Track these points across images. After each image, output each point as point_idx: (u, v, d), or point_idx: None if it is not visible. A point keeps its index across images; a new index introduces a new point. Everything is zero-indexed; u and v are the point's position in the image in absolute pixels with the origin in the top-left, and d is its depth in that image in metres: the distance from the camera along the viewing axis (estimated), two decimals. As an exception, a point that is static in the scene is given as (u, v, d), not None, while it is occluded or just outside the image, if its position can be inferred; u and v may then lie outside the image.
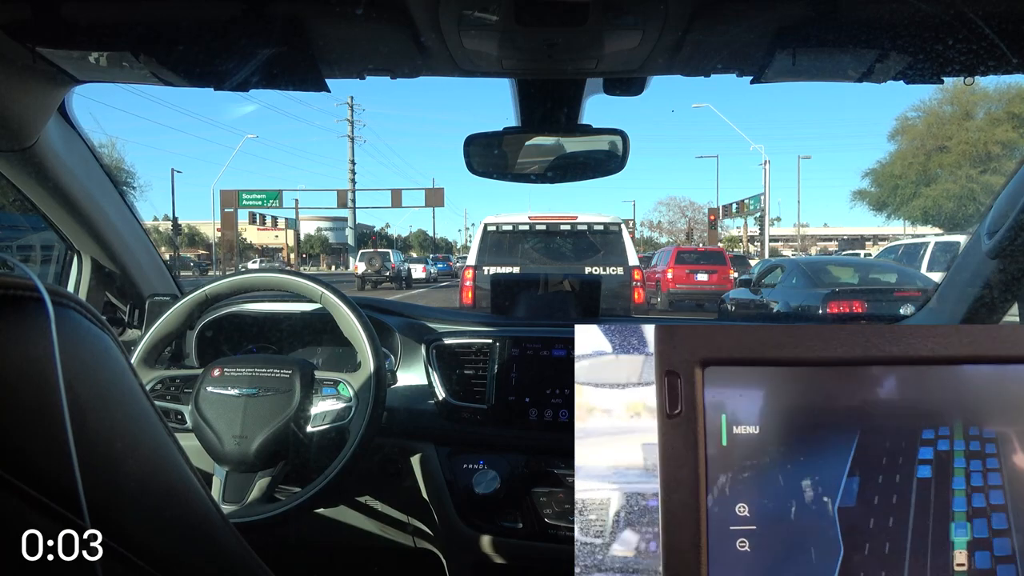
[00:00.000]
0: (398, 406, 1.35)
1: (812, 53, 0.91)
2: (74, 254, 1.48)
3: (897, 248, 10.26)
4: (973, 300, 1.28)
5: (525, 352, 1.37)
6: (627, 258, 6.04)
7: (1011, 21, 0.83)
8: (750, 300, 7.84)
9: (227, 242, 29.92)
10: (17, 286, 0.33)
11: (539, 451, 1.32)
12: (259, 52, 0.92)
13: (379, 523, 1.50)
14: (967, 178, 19.20)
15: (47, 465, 0.33)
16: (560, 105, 1.16)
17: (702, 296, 12.34)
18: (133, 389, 0.41)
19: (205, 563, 0.46)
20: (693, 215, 39.06)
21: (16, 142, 1.14)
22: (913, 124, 20.97)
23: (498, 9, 0.82)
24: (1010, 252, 1.17)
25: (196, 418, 1.14)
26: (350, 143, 38.60)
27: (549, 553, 1.26)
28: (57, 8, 0.85)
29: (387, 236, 51.74)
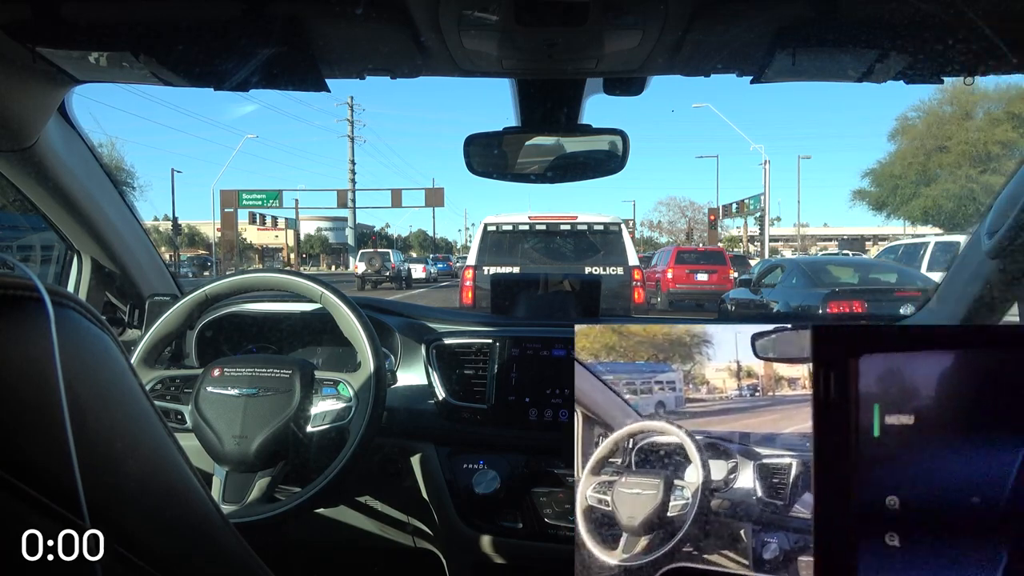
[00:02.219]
0: (398, 406, 1.35)
1: (812, 53, 0.91)
2: (74, 254, 1.48)
3: (897, 248, 10.26)
4: (973, 300, 1.28)
5: (525, 352, 1.36)
6: (627, 258, 6.04)
7: (1011, 21, 0.83)
8: (750, 300, 7.84)
9: (227, 242, 29.91)
10: (17, 286, 0.33)
11: (539, 451, 1.32)
12: (259, 52, 0.92)
13: (379, 523, 1.50)
14: (967, 178, 19.19)
15: (47, 465, 0.33)
16: (560, 105, 1.16)
17: (702, 296, 12.34)
18: (133, 389, 0.41)
19: (205, 563, 0.46)
20: (693, 215, 39.09)
21: (16, 142, 1.14)
22: (913, 124, 20.97)
23: (498, 9, 0.82)
24: (1010, 252, 1.17)
25: (196, 418, 1.14)
26: (350, 143, 38.62)
27: (549, 553, 1.26)
28: (57, 8, 0.85)
29: (387, 236, 51.73)
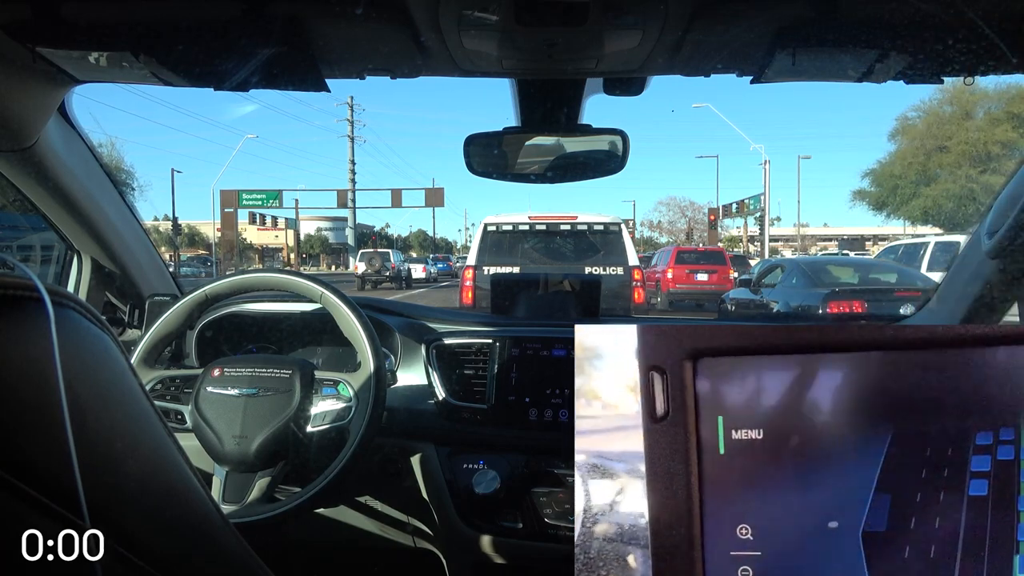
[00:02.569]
0: (398, 406, 1.35)
1: (812, 53, 0.91)
2: (74, 254, 1.48)
3: (897, 248, 10.26)
4: (973, 300, 1.28)
5: (525, 352, 1.37)
6: (627, 258, 6.04)
7: (1011, 21, 0.83)
8: (750, 300, 7.84)
9: (227, 242, 29.91)
10: (17, 286, 0.33)
11: (539, 451, 1.32)
12: (259, 52, 0.92)
13: (379, 523, 1.50)
14: (967, 178, 19.19)
15: (47, 465, 0.33)
16: (560, 105, 1.16)
17: (702, 296, 12.34)
18: (133, 389, 0.41)
19: (205, 563, 0.46)
20: (693, 215, 39.10)
21: (16, 142, 1.14)
22: (913, 124, 20.96)
23: (498, 9, 0.82)
24: (1010, 252, 1.17)
25: (196, 418, 1.14)
26: (350, 143, 38.62)
27: (549, 553, 1.26)
28: (57, 8, 0.85)
29: (387, 236, 51.72)
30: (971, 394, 0.48)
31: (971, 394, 0.48)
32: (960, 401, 0.48)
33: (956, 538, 0.47)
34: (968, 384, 0.48)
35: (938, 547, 0.47)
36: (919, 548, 0.47)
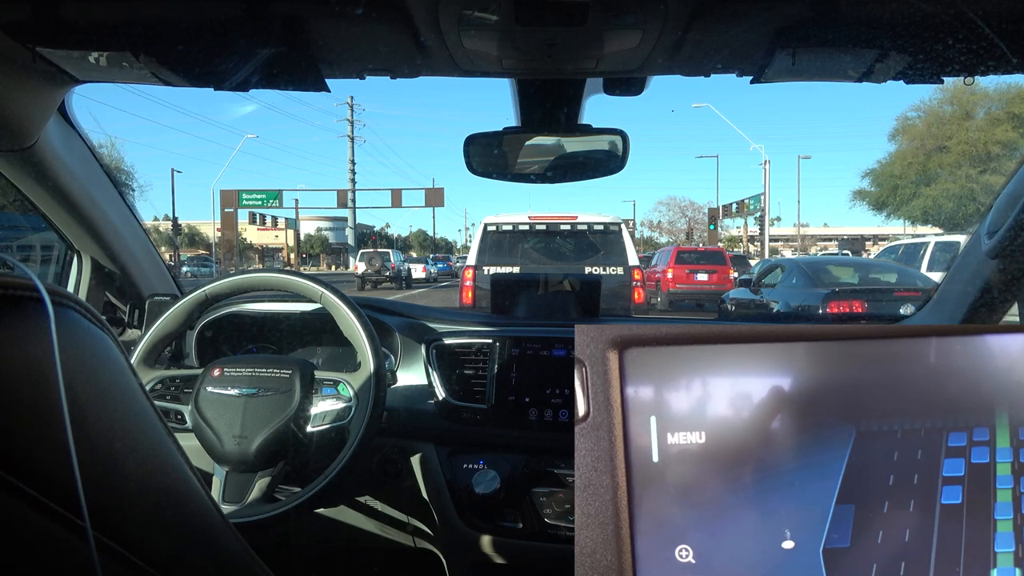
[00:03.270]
0: (398, 406, 1.35)
1: (812, 53, 0.91)
2: (74, 254, 1.48)
3: (897, 248, 10.27)
4: (973, 300, 1.28)
5: (525, 352, 1.37)
6: (627, 258, 6.04)
7: (1011, 21, 0.83)
8: (750, 300, 7.84)
9: (227, 242, 29.90)
10: (17, 286, 0.33)
11: (539, 451, 1.32)
12: (259, 52, 0.92)
13: (379, 523, 1.50)
14: (967, 178, 19.18)
15: (47, 465, 0.33)
16: (560, 105, 1.16)
17: (702, 296, 12.34)
18: (133, 389, 0.41)
19: (205, 563, 0.46)
20: (693, 215, 39.10)
21: (16, 142, 1.14)
22: (913, 124, 20.96)
23: (498, 9, 0.82)
24: (1010, 252, 1.17)
25: (196, 418, 1.14)
26: (350, 143, 38.62)
27: (549, 553, 1.26)
28: (57, 8, 0.85)
29: (387, 236, 51.72)
30: (941, 389, 0.42)
31: (941, 389, 0.42)
32: (930, 397, 0.42)
33: (928, 552, 0.41)
34: (938, 378, 0.42)
35: (908, 563, 0.41)
36: (887, 565, 0.41)
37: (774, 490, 0.42)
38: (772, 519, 0.42)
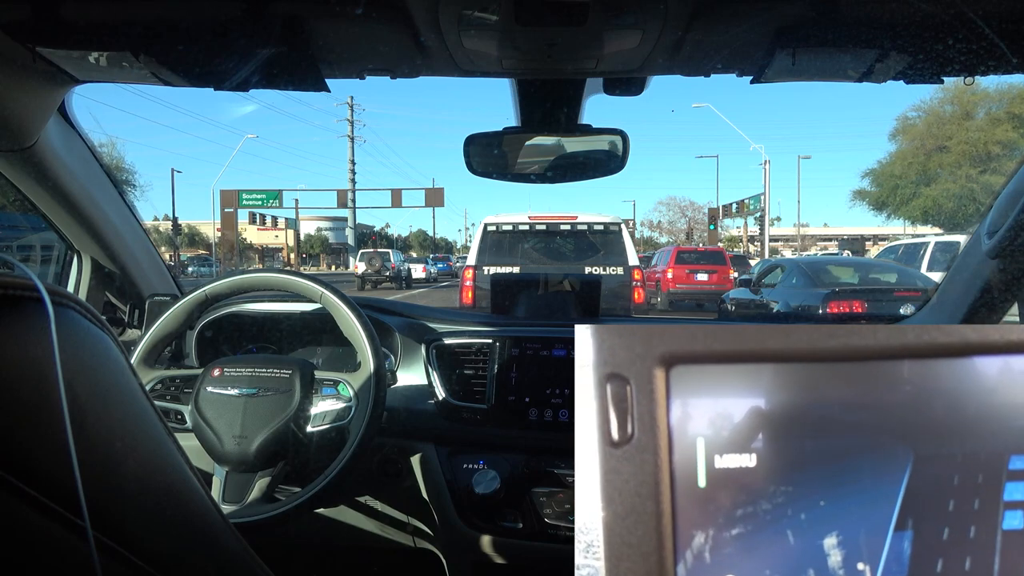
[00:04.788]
0: (398, 406, 1.35)
1: (812, 53, 0.91)
2: (74, 254, 1.48)
3: (897, 248, 10.27)
4: (973, 300, 1.28)
5: (525, 352, 1.37)
6: (627, 258, 6.03)
7: (1011, 21, 0.83)
8: (750, 300, 7.84)
9: (227, 242, 29.91)
10: (17, 286, 0.33)
11: (539, 451, 1.32)
12: (259, 52, 0.92)
13: (379, 523, 1.50)
14: (967, 178, 19.18)
15: (47, 465, 0.33)
16: (560, 105, 1.16)
17: (702, 296, 12.34)
18: (133, 389, 0.41)
19: (205, 563, 0.46)
20: (693, 215, 39.10)
21: (16, 142, 1.14)
22: (913, 124, 20.96)
23: (498, 9, 0.82)
24: (1010, 252, 1.17)
25: (196, 418, 1.14)
26: (350, 143, 38.63)
27: (549, 553, 1.26)
28: (57, 8, 0.85)
29: (387, 236, 51.72)
30: (1003, 409, 0.40)
31: (1003, 409, 0.40)
32: (990, 417, 0.41)
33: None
34: (999, 397, 0.40)
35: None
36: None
37: (828, 517, 0.40)
38: (826, 548, 0.41)
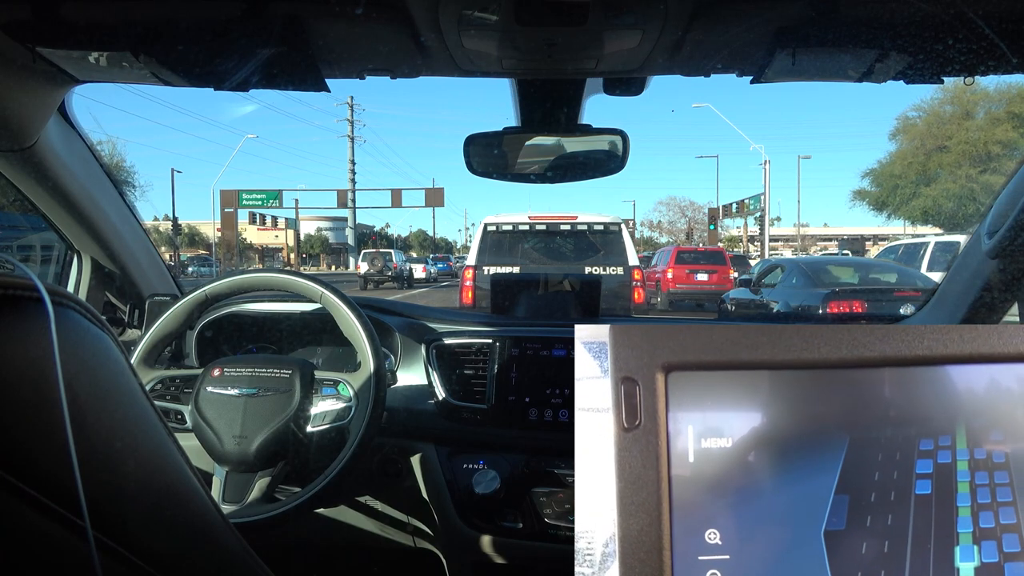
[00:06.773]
0: (398, 406, 1.35)
1: (812, 53, 0.91)
2: (74, 254, 1.48)
3: (897, 248, 10.26)
4: (973, 300, 1.28)
5: (525, 352, 1.37)
6: (627, 258, 6.03)
7: (1011, 21, 0.83)
8: (750, 300, 7.84)
9: (227, 242, 29.90)
10: (17, 286, 0.33)
11: (539, 451, 1.32)
12: (259, 52, 0.92)
13: (379, 523, 1.50)
14: (967, 178, 19.16)
15: (47, 465, 0.33)
16: (560, 105, 1.16)
17: (702, 296, 12.34)
18: (133, 389, 0.41)
19: (205, 563, 0.46)
20: (693, 215, 39.10)
21: (16, 142, 1.14)
22: (913, 124, 20.94)
23: (498, 9, 0.82)
24: (1010, 252, 1.17)
25: (196, 418, 1.14)
26: (350, 143, 38.64)
27: (549, 553, 1.26)
28: (57, 8, 0.85)
29: (387, 236, 51.71)
30: (915, 407, 0.55)
31: (915, 407, 0.55)
32: (907, 413, 0.55)
33: (906, 532, 0.53)
34: (913, 399, 0.55)
35: (891, 541, 0.53)
36: (874, 543, 0.53)
37: (785, 484, 0.54)
38: (784, 507, 0.53)
